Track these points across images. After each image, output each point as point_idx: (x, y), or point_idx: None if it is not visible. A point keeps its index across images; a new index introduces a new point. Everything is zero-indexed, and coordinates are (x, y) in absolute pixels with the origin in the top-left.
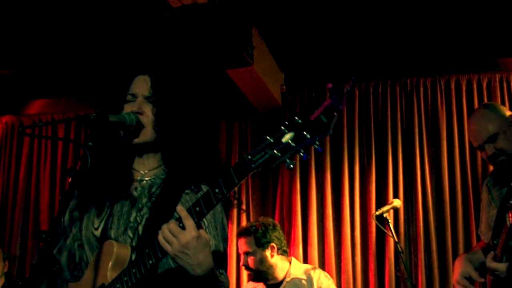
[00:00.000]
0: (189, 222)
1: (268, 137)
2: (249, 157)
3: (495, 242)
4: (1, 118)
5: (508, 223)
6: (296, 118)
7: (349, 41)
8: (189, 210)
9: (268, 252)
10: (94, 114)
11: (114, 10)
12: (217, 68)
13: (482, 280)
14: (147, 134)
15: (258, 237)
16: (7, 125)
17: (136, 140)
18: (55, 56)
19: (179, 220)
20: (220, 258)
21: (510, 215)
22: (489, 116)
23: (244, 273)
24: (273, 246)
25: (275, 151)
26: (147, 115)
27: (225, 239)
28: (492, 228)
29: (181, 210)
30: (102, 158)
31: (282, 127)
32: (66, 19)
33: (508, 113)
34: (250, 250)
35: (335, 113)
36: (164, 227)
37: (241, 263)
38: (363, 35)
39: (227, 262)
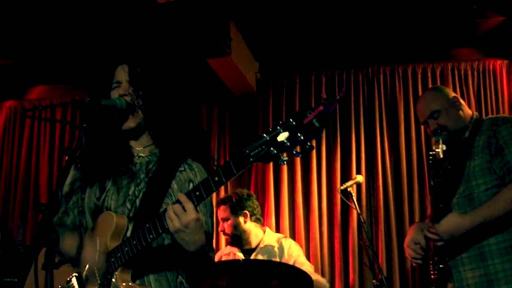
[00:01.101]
0: (189, 206)
1: (264, 135)
2: (247, 151)
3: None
4: (5, 103)
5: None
6: (291, 120)
7: (316, 33)
8: (188, 194)
9: (241, 219)
10: (88, 99)
11: (106, 6)
12: (199, 58)
13: (425, 247)
14: (134, 116)
15: (233, 205)
16: (10, 109)
17: (125, 126)
18: (53, 47)
19: (179, 202)
20: (209, 237)
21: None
22: (434, 95)
23: (223, 239)
24: (246, 213)
25: (271, 148)
26: (130, 97)
27: (211, 215)
28: None
29: (180, 195)
30: (98, 138)
31: (278, 127)
32: (62, 14)
33: (452, 94)
34: (226, 217)
35: (326, 119)
36: (169, 207)
37: (220, 228)
38: (329, 28)
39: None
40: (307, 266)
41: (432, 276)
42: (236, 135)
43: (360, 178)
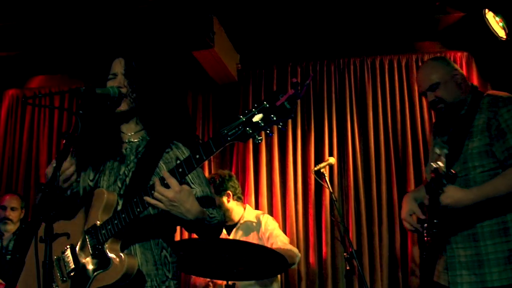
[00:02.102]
0: (171, 181)
1: (241, 116)
2: (225, 131)
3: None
4: (7, 91)
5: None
6: (265, 102)
7: (292, 28)
8: (172, 171)
9: (225, 198)
10: (84, 88)
11: (101, 2)
12: (185, 51)
13: (424, 217)
14: (127, 103)
15: (216, 186)
16: (12, 97)
17: (118, 109)
18: (51, 40)
19: (163, 179)
20: (209, 199)
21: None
22: (434, 67)
23: None
24: (229, 193)
25: (247, 128)
26: (126, 88)
27: (208, 184)
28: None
29: (164, 172)
30: (92, 123)
31: (253, 109)
32: (61, 10)
33: (453, 66)
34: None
35: (296, 101)
36: (155, 192)
37: None
38: (304, 23)
39: (215, 201)
40: (282, 238)
41: (425, 239)
42: (219, 120)
43: (332, 160)
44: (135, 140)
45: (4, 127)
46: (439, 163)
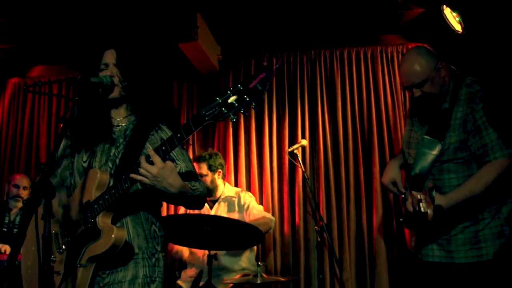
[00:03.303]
0: (155, 159)
1: (217, 98)
2: (203, 112)
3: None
4: (10, 79)
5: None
6: (239, 85)
7: (269, 23)
8: (156, 149)
9: (216, 175)
10: (80, 77)
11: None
12: (171, 43)
13: (403, 191)
14: (118, 91)
15: (210, 164)
16: (15, 85)
17: (110, 95)
18: (50, 33)
19: (148, 157)
20: (192, 173)
21: None
22: (421, 63)
23: None
24: (220, 171)
25: (223, 108)
26: (118, 77)
27: (190, 160)
28: (408, 146)
29: (150, 150)
30: (87, 109)
31: (228, 92)
32: (59, 6)
33: (437, 58)
34: (204, 173)
35: (267, 83)
36: (141, 169)
37: None
38: (279, 18)
39: (197, 175)
40: (258, 208)
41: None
42: (202, 106)
43: (305, 142)
44: (123, 124)
45: (7, 113)
46: (425, 207)
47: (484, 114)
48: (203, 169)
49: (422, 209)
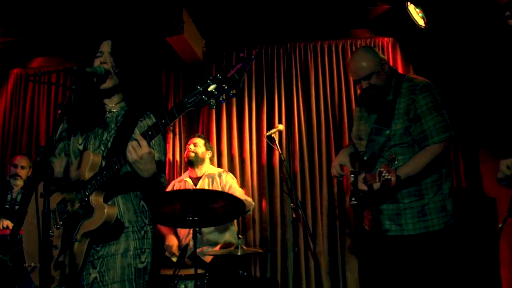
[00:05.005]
0: (143, 142)
1: (198, 87)
2: (186, 99)
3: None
4: (12, 70)
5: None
6: (218, 75)
7: (248, 18)
8: (143, 134)
9: (208, 153)
10: (76, 67)
11: None
12: (160, 36)
13: (351, 169)
14: (110, 80)
15: (206, 142)
16: (17, 75)
17: (103, 84)
18: (51, 27)
19: (137, 140)
20: (162, 166)
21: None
22: (367, 58)
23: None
24: (210, 152)
25: (203, 96)
26: (111, 64)
27: (165, 153)
28: (357, 138)
29: (137, 134)
30: (82, 97)
31: (208, 81)
32: (59, 2)
33: (381, 57)
34: (199, 145)
35: (244, 73)
36: (129, 144)
37: (186, 154)
38: (257, 14)
39: (166, 168)
40: (239, 190)
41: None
42: (187, 93)
43: (281, 127)
44: (115, 111)
45: (10, 100)
46: (388, 175)
47: (423, 104)
48: (200, 142)
49: (386, 177)
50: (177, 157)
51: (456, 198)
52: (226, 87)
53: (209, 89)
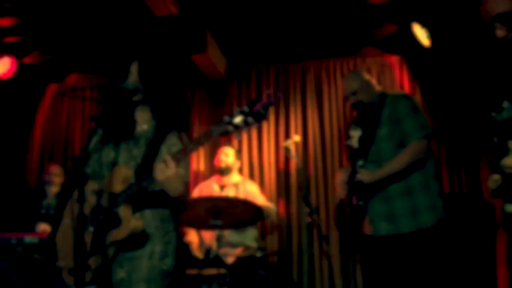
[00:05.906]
0: (171, 164)
1: (227, 117)
2: (213, 129)
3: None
4: (50, 85)
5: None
6: (245, 107)
7: (265, 39)
8: (173, 155)
9: (237, 163)
10: (109, 83)
11: (122, 18)
12: (186, 54)
13: (346, 187)
14: (139, 97)
15: (237, 155)
16: (54, 90)
17: (134, 100)
18: (85, 47)
19: (165, 161)
20: (186, 185)
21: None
22: (354, 79)
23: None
24: (238, 162)
25: (229, 127)
26: (140, 85)
27: (189, 172)
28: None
29: (167, 157)
30: (114, 111)
31: (235, 112)
32: (93, 26)
33: (366, 77)
34: (231, 155)
35: (269, 108)
36: (158, 164)
37: (217, 162)
38: (274, 38)
39: (189, 186)
40: (261, 197)
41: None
42: (211, 108)
43: (297, 138)
44: (146, 127)
45: (48, 113)
46: (352, 142)
47: (402, 109)
48: (231, 153)
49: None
50: (202, 167)
51: (456, 203)
52: (251, 120)
53: (235, 121)
